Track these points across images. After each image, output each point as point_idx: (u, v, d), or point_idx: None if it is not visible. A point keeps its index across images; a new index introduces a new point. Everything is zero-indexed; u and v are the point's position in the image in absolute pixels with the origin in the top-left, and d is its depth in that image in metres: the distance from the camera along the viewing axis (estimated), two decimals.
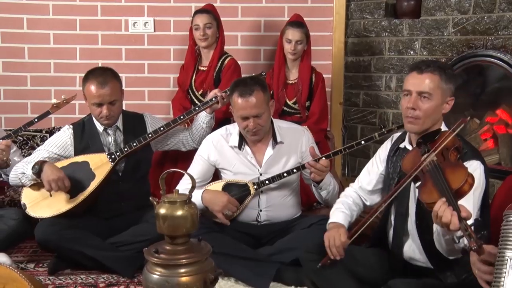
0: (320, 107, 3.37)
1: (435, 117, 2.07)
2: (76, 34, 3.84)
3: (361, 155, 3.99)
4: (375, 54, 3.87)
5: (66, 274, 2.58)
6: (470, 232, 1.54)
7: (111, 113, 2.66)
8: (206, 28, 3.32)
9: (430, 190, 1.75)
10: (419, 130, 2.08)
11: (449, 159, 1.85)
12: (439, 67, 2.07)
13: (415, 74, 2.07)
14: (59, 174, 2.54)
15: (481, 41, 3.32)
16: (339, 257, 2.10)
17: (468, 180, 1.70)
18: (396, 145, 2.26)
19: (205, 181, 2.73)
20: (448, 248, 1.82)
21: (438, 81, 2.03)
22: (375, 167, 2.35)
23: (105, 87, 2.63)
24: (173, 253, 1.70)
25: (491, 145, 3.41)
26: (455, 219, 1.58)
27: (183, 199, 1.72)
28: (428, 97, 2.03)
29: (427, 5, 3.57)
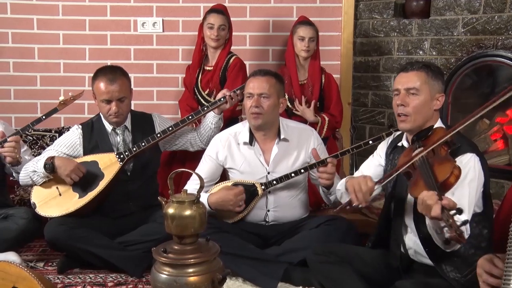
0: (339, 109, 3.40)
1: (425, 113, 2.10)
2: (86, 35, 3.86)
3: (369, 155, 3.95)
4: (384, 54, 3.86)
5: (75, 273, 2.60)
6: (451, 222, 1.58)
7: (119, 110, 2.68)
8: (220, 29, 3.32)
9: (418, 185, 1.81)
10: (411, 128, 2.11)
11: (439, 154, 1.89)
12: (424, 65, 2.14)
13: (402, 74, 2.15)
14: (72, 164, 2.59)
15: (491, 41, 3.30)
16: (364, 203, 2.06)
17: (454, 172, 1.75)
18: (394, 143, 2.30)
19: (213, 181, 2.74)
20: (441, 241, 1.84)
21: (425, 77, 2.09)
22: (375, 158, 2.39)
23: (114, 84, 2.65)
24: (181, 252, 1.71)
25: (501, 146, 3.39)
26: (437, 207, 1.63)
27: (191, 199, 1.72)
28: (415, 92, 2.08)
29: (437, 5, 3.55)
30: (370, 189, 2.06)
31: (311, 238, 2.48)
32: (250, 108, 2.60)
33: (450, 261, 1.98)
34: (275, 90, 2.62)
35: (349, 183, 2.13)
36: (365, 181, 2.07)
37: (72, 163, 2.60)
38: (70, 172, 2.58)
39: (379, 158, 2.36)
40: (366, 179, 2.08)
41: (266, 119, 2.61)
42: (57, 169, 2.60)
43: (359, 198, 2.06)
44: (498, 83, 3.38)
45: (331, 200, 2.62)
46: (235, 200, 2.58)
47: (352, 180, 2.13)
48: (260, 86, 2.59)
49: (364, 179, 2.09)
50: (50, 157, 2.62)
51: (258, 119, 2.60)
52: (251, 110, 2.59)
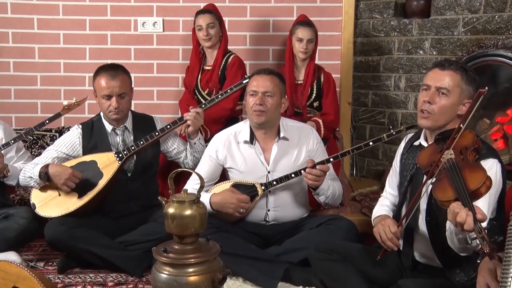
0: (334, 107, 3.38)
1: (449, 115, 2.06)
2: (86, 34, 3.86)
3: (370, 155, 3.97)
4: (384, 54, 3.86)
5: (75, 273, 2.59)
6: (483, 235, 1.53)
7: (120, 106, 2.68)
8: (209, 28, 3.33)
9: (445, 188, 1.74)
10: (431, 126, 2.08)
11: (467, 159, 1.83)
12: (462, 67, 2.08)
13: (437, 70, 2.08)
14: (67, 172, 2.59)
15: (491, 40, 3.30)
16: (396, 247, 2.07)
17: (486, 182, 1.68)
18: (410, 143, 2.26)
19: (212, 181, 2.74)
20: (460, 247, 1.82)
21: (459, 80, 2.04)
22: (394, 171, 2.35)
23: (115, 79, 2.67)
24: (181, 252, 1.70)
25: (502, 145, 3.38)
26: (470, 219, 1.57)
27: (191, 198, 1.72)
28: (446, 93, 2.04)
29: (437, 5, 3.55)
30: (396, 233, 2.05)
31: (311, 238, 2.48)
32: (254, 106, 2.60)
33: (458, 264, 1.97)
34: (278, 90, 2.62)
35: (375, 232, 2.12)
36: (388, 227, 2.06)
37: (67, 171, 2.59)
38: (65, 181, 2.58)
39: (396, 167, 2.32)
40: (388, 225, 2.06)
41: (268, 117, 2.62)
42: (52, 178, 2.60)
43: (389, 246, 2.06)
44: (499, 82, 3.37)
45: (320, 200, 2.65)
46: (237, 204, 2.57)
47: (377, 227, 2.12)
48: (265, 85, 2.60)
49: (386, 225, 2.07)
50: (44, 166, 2.62)
51: (261, 116, 2.60)
52: (254, 108, 2.59)
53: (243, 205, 2.58)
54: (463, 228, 1.60)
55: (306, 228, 2.61)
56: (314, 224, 2.60)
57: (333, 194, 2.64)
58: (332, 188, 2.63)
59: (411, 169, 2.16)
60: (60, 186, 2.61)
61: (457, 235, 1.78)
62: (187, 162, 2.92)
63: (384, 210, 2.29)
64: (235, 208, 2.58)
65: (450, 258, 1.98)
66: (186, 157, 2.92)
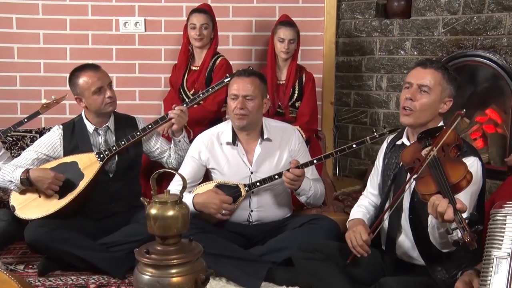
0: (310, 107, 3.37)
1: (430, 113, 2.11)
2: (66, 34, 3.82)
3: (352, 155, 4.00)
4: (366, 54, 3.89)
5: (56, 276, 2.57)
6: (464, 225, 1.58)
7: (113, 95, 2.71)
8: (202, 28, 3.32)
9: (427, 182, 1.80)
10: (413, 123, 2.12)
11: (449, 155, 1.89)
12: (443, 66, 2.14)
13: (419, 68, 2.14)
14: (49, 176, 2.56)
15: (470, 41, 3.35)
16: (366, 254, 2.09)
17: (466, 176, 1.74)
18: (392, 142, 2.30)
19: (195, 182, 2.73)
20: (441, 241, 1.85)
21: (440, 79, 2.09)
22: (376, 170, 2.38)
23: (99, 70, 2.71)
24: (164, 253, 1.70)
25: (481, 144, 3.44)
26: (450, 210, 1.62)
27: (174, 199, 1.72)
28: (427, 91, 2.09)
29: (418, 5, 3.59)
30: (366, 241, 2.08)
31: (294, 238, 2.49)
32: (235, 110, 2.59)
33: (440, 261, 2.00)
34: (259, 91, 2.62)
35: (346, 237, 2.15)
36: (359, 234, 2.09)
37: (49, 175, 2.57)
38: (49, 185, 2.56)
39: (379, 167, 2.35)
40: (360, 232, 2.10)
41: (250, 120, 2.61)
42: (34, 183, 2.58)
43: (359, 251, 2.09)
44: (478, 83, 3.43)
45: (302, 200, 2.67)
46: (219, 205, 2.57)
47: (348, 233, 2.15)
48: (245, 88, 2.59)
49: (358, 231, 2.10)
50: (24, 171, 2.58)
51: (243, 120, 2.60)
52: (236, 112, 2.59)
53: (226, 206, 2.58)
54: (443, 219, 1.64)
55: (289, 228, 2.61)
56: (297, 224, 2.61)
57: (314, 194, 2.66)
58: (314, 189, 2.65)
59: (394, 168, 2.19)
60: (43, 190, 2.59)
61: (438, 229, 1.81)
62: (170, 162, 2.91)
63: (361, 212, 2.31)
64: (217, 209, 2.57)
65: (432, 255, 2.01)
66: (169, 156, 2.91)
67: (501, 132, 3.35)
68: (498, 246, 1.45)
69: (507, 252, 1.43)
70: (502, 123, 3.35)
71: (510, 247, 1.42)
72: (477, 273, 1.60)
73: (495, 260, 1.43)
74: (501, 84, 3.26)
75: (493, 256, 1.44)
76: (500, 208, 1.48)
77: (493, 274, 1.43)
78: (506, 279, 1.41)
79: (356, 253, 2.10)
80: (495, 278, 1.42)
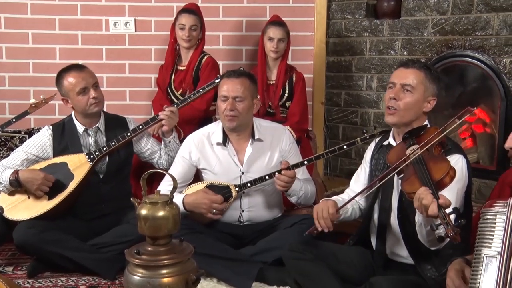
0: (300, 107, 3.37)
1: (414, 112, 2.13)
2: (56, 34, 3.79)
3: (343, 155, 4.01)
4: (356, 54, 3.90)
5: (46, 277, 2.55)
6: (448, 220, 1.60)
7: (98, 96, 2.68)
8: (191, 29, 3.31)
9: (412, 181, 1.82)
10: (397, 122, 2.15)
11: (433, 153, 1.92)
12: (426, 66, 2.17)
13: (402, 69, 2.18)
14: (38, 177, 2.55)
15: (459, 41, 3.37)
16: (327, 229, 2.12)
17: (449, 172, 1.77)
18: (379, 143, 2.32)
19: (186, 182, 2.73)
20: (429, 239, 1.87)
21: (423, 78, 2.12)
22: (362, 170, 2.40)
23: (84, 71, 2.69)
24: (154, 254, 1.69)
25: (470, 144, 3.47)
26: (434, 205, 1.64)
27: (164, 199, 1.71)
28: (410, 90, 2.11)
29: (407, 6, 3.61)
30: (332, 215, 2.12)
31: (285, 237, 2.48)
32: (225, 111, 2.59)
33: (429, 260, 2.02)
34: (249, 92, 2.61)
35: (314, 209, 2.19)
36: (327, 207, 2.13)
37: (39, 176, 2.55)
38: (39, 186, 2.55)
39: (366, 166, 2.37)
40: (328, 206, 2.14)
41: (240, 121, 2.61)
42: (24, 184, 2.56)
43: (321, 224, 2.12)
44: (467, 82, 3.46)
45: (292, 201, 2.68)
46: (210, 205, 2.56)
47: (317, 205, 2.19)
48: (235, 89, 2.58)
49: (326, 205, 2.14)
50: (14, 172, 2.57)
51: (233, 121, 2.60)
52: (226, 113, 2.59)
53: (216, 206, 2.58)
54: (428, 213, 1.66)
55: (280, 228, 2.62)
56: (288, 223, 2.61)
57: (305, 195, 2.66)
58: (305, 189, 2.65)
59: (381, 169, 2.21)
60: (33, 192, 2.57)
61: (425, 226, 1.83)
62: (161, 162, 2.90)
63: (337, 198, 2.33)
64: (207, 209, 2.57)
65: (421, 254, 2.02)
66: (160, 157, 2.90)
67: (490, 132, 3.38)
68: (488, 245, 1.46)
69: (497, 251, 1.44)
70: (490, 123, 3.38)
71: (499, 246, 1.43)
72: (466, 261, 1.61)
73: (485, 259, 1.45)
74: (489, 84, 3.29)
75: (483, 254, 1.45)
76: (490, 207, 1.49)
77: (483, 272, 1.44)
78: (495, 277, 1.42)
79: (318, 225, 2.13)
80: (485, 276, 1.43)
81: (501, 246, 1.43)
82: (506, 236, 1.43)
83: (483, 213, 1.51)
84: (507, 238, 1.43)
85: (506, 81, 3.18)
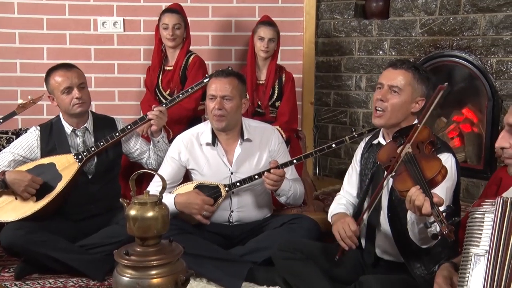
0: (289, 107, 3.37)
1: (402, 113, 2.14)
2: (43, 34, 3.76)
3: (332, 154, 4.03)
4: (345, 54, 3.92)
5: (34, 279, 2.52)
6: (441, 218, 1.61)
7: (82, 96, 2.65)
8: (175, 28, 3.31)
9: (404, 179, 1.83)
10: (384, 124, 2.16)
11: (424, 152, 1.93)
12: (414, 66, 2.17)
13: (390, 69, 2.17)
14: (25, 178, 2.53)
15: (447, 41, 3.40)
16: (354, 246, 2.09)
17: (441, 171, 1.78)
18: (369, 142, 2.32)
19: (175, 183, 2.72)
20: (421, 237, 1.88)
21: (411, 79, 2.12)
22: (354, 170, 2.39)
23: (70, 71, 2.66)
24: (144, 254, 1.68)
25: (458, 143, 3.50)
26: (427, 203, 1.65)
27: (153, 200, 1.70)
28: (398, 91, 2.12)
29: (395, 6, 3.63)
30: (355, 232, 2.08)
31: (275, 237, 2.48)
32: (213, 110, 2.58)
33: (418, 258, 2.03)
34: (237, 92, 2.61)
35: (334, 230, 2.14)
36: (347, 225, 2.09)
37: (26, 177, 2.53)
38: (25, 188, 2.53)
39: (356, 166, 2.37)
40: (348, 223, 2.09)
41: (229, 121, 2.61)
42: (10, 186, 2.54)
43: (347, 243, 2.08)
44: (454, 82, 3.48)
45: (281, 201, 2.67)
46: (202, 205, 2.56)
47: (336, 226, 2.14)
48: (223, 88, 2.58)
49: (346, 223, 2.10)
50: (0, 173, 2.55)
51: (222, 121, 2.59)
52: (214, 112, 2.58)
53: (208, 207, 2.57)
54: (421, 213, 1.67)
55: (270, 227, 2.62)
56: (277, 223, 2.61)
57: (294, 195, 2.66)
58: (293, 189, 2.65)
59: (371, 168, 2.22)
60: (19, 193, 2.54)
61: (418, 225, 1.84)
62: (150, 163, 2.89)
63: (342, 208, 2.32)
64: (199, 209, 2.56)
65: (411, 252, 2.03)
66: (149, 157, 2.89)
67: (477, 131, 3.41)
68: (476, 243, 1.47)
69: (485, 249, 1.45)
70: (478, 122, 3.41)
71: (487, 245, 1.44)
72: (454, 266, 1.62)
73: (473, 257, 1.45)
74: (476, 84, 3.32)
75: (472, 253, 1.46)
76: (479, 206, 1.50)
77: (471, 271, 1.45)
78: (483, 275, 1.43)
79: (344, 245, 2.09)
80: (473, 275, 1.44)
81: (489, 244, 1.44)
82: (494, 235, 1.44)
83: (472, 212, 1.52)
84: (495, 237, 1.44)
85: (492, 81, 3.21)
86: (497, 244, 1.43)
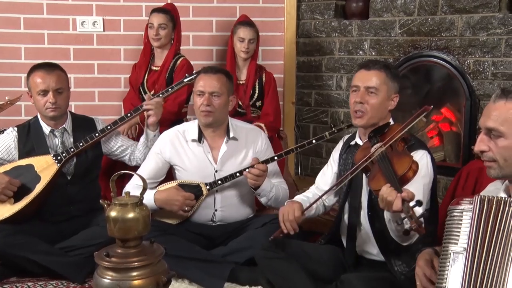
0: (273, 106, 3.40)
1: (381, 112, 2.19)
2: (21, 33, 3.70)
3: (314, 154, 4.05)
4: (326, 54, 3.94)
5: (12, 282, 2.49)
6: (411, 213, 1.65)
7: (57, 101, 2.60)
8: (160, 28, 3.30)
9: (378, 178, 1.87)
10: (366, 124, 2.20)
11: (397, 149, 1.98)
12: (385, 65, 2.23)
13: (363, 71, 2.21)
14: (3, 180, 2.50)
15: (425, 42, 3.45)
16: (292, 231, 2.15)
17: (412, 166, 1.83)
18: (347, 143, 2.35)
19: (157, 179, 2.71)
20: (399, 234, 1.90)
21: (384, 78, 2.18)
22: (329, 167, 2.43)
23: (51, 74, 2.61)
24: (124, 256, 1.67)
25: (437, 142, 3.54)
26: (398, 200, 1.69)
27: (134, 201, 1.69)
28: (375, 92, 2.16)
29: (375, 7, 3.67)
30: (297, 218, 2.15)
31: (256, 237, 2.49)
32: (201, 106, 2.58)
33: (399, 256, 2.06)
34: (226, 89, 2.62)
35: (280, 211, 2.22)
36: (292, 210, 2.16)
37: (3, 179, 2.49)
38: (2, 190, 2.49)
39: (333, 165, 2.41)
40: (294, 208, 2.16)
41: (216, 117, 2.61)
42: None
43: (287, 227, 2.16)
44: (433, 82, 3.53)
45: (262, 202, 2.68)
46: (183, 201, 2.55)
47: (282, 208, 2.22)
48: (212, 85, 2.59)
49: (292, 208, 2.17)
50: None
51: (209, 117, 2.59)
52: (202, 108, 2.58)
53: (188, 202, 2.57)
54: (392, 209, 1.70)
55: (252, 228, 2.62)
56: (259, 223, 2.62)
57: (275, 197, 2.64)
58: (276, 191, 2.64)
59: (350, 168, 2.24)
60: None
61: (393, 222, 1.87)
62: (138, 157, 2.87)
63: (303, 199, 2.36)
64: (180, 205, 2.56)
65: (391, 251, 2.06)
66: (133, 153, 2.87)
67: (456, 131, 3.46)
68: (455, 241, 1.49)
69: (463, 247, 1.47)
70: (456, 122, 3.45)
71: (466, 242, 1.47)
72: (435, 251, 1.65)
73: (452, 255, 1.48)
74: (455, 84, 3.36)
75: (450, 251, 1.48)
76: (457, 205, 1.53)
77: (450, 268, 1.47)
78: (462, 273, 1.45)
79: (283, 228, 2.16)
80: (451, 272, 1.46)
81: (467, 242, 1.47)
82: (472, 233, 1.46)
83: (450, 210, 1.54)
84: (473, 234, 1.46)
85: (470, 81, 3.26)
86: (475, 241, 1.45)
